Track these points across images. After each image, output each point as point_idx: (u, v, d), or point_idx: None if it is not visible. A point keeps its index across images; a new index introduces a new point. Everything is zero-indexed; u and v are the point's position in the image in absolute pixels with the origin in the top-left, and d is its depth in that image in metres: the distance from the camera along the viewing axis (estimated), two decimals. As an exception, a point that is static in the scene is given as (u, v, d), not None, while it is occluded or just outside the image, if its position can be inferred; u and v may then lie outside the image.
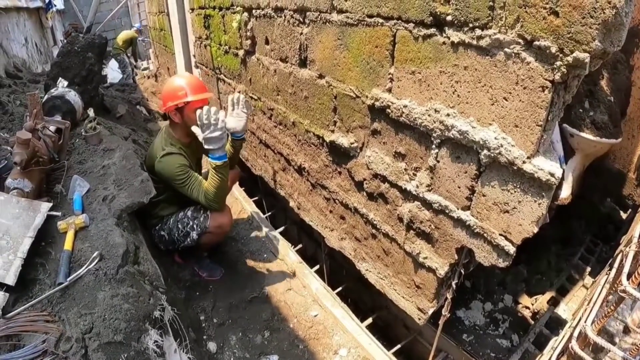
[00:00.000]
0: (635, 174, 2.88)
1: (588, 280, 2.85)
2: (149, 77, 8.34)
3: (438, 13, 1.34)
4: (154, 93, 6.75)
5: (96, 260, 1.59)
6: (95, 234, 1.76)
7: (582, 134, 2.29)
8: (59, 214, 1.88)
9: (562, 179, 2.44)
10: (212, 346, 2.12)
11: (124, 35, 9.22)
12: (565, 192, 2.47)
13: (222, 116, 2.04)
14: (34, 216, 1.77)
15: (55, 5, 9.45)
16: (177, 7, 4.97)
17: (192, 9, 4.20)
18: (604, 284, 1.56)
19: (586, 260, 3.01)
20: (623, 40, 1.06)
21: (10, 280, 1.46)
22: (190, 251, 2.54)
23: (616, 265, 1.55)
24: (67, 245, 1.67)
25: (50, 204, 1.88)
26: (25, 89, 4.69)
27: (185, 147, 2.31)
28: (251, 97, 3.03)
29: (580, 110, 2.36)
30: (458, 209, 1.51)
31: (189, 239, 2.33)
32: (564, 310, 2.63)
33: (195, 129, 2.07)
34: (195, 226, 2.30)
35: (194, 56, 4.43)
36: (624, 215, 3.19)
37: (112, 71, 8.38)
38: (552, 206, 2.36)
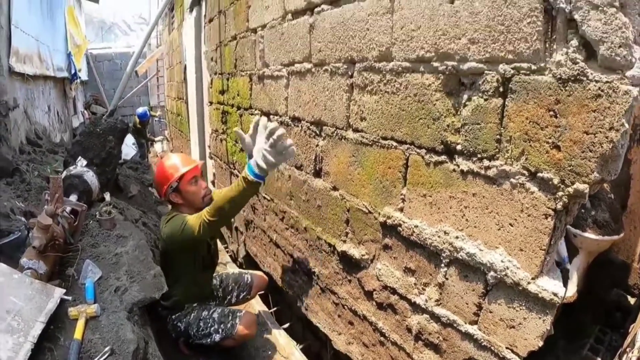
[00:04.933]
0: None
1: (599, 372, 2.69)
2: (161, 158, 8.58)
3: (449, 142, 1.46)
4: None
5: (106, 355, 1.59)
6: (106, 325, 1.76)
7: (585, 234, 2.33)
8: (69, 298, 1.88)
9: (567, 278, 2.46)
10: None
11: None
12: (571, 291, 2.47)
13: (290, 143, 1.83)
14: (47, 300, 1.76)
15: (80, 77, 9.95)
16: (196, 98, 5.15)
17: (211, 102, 4.37)
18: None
19: (596, 350, 2.86)
20: (619, 169, 1.11)
21: (20, 366, 1.45)
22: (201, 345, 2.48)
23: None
24: (77, 334, 1.66)
25: (64, 290, 1.87)
26: (44, 158, 4.79)
27: None
28: (264, 197, 3.08)
29: (582, 210, 2.41)
30: (466, 323, 1.54)
31: (209, 340, 2.25)
32: (577, 405, 2.47)
33: (244, 137, 1.85)
34: (220, 330, 2.23)
35: (209, 147, 4.53)
36: (632, 300, 3.09)
37: (126, 146, 8.51)
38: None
